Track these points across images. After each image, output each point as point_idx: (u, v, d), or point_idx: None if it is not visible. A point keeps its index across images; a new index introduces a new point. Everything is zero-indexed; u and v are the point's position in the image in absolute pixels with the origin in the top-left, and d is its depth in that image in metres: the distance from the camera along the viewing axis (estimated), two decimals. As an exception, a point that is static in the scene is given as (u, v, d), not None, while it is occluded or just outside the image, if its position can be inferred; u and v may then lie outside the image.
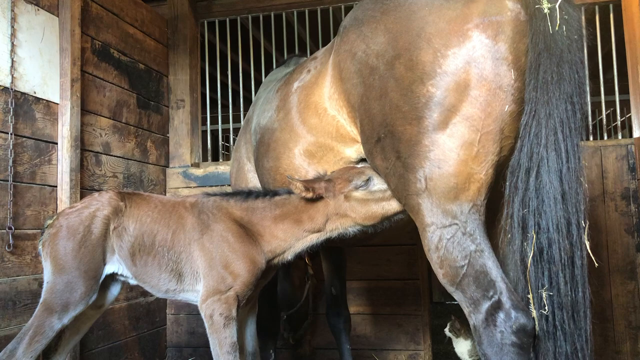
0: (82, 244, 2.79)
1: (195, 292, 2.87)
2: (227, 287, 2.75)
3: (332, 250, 4.00)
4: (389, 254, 4.97)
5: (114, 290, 3.14)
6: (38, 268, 3.77)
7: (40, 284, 3.71)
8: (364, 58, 2.48)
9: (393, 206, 2.63)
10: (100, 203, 2.89)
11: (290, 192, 2.85)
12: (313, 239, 2.84)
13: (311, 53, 5.92)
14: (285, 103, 3.08)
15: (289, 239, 2.83)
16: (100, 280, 2.86)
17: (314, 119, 2.85)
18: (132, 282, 2.98)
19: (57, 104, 4.02)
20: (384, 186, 2.60)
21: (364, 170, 2.68)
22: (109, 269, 2.89)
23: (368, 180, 2.65)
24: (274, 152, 3.10)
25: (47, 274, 2.82)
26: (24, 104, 3.72)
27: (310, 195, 2.71)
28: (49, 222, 2.93)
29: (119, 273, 2.93)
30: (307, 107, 2.90)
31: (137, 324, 4.91)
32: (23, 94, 3.71)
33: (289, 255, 2.90)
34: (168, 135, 5.59)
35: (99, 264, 2.83)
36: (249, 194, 2.94)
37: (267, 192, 2.95)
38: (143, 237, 2.85)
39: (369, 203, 2.66)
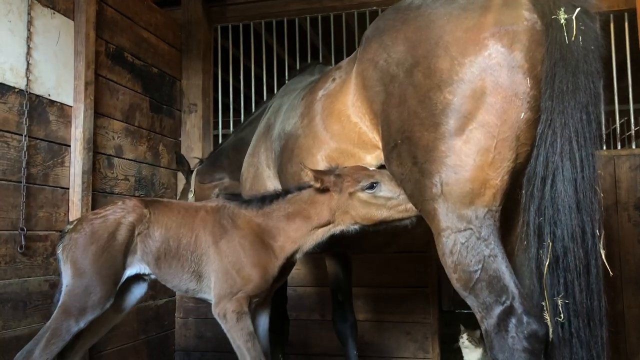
0: (105, 249, 2.84)
1: (211, 294, 2.94)
2: (238, 289, 2.83)
3: (338, 256, 4.01)
4: (398, 262, 4.96)
5: (137, 293, 3.19)
6: (49, 269, 3.79)
7: (51, 285, 3.74)
8: (385, 66, 2.54)
9: (392, 214, 2.73)
10: (125, 211, 2.95)
11: (300, 188, 2.94)
12: (319, 235, 2.91)
13: (324, 59, 5.95)
14: (310, 110, 3.16)
15: (300, 237, 2.91)
16: (119, 285, 2.91)
17: (336, 125, 2.93)
18: (153, 276, 3.04)
19: (71, 106, 4.05)
20: (390, 194, 2.69)
21: (374, 174, 2.75)
22: (129, 272, 2.95)
23: (375, 184, 2.72)
24: (298, 158, 3.18)
25: (67, 278, 2.86)
26: (38, 106, 3.75)
27: (318, 185, 2.80)
28: (69, 227, 2.98)
29: (141, 272, 2.99)
30: (331, 114, 2.97)
31: (145, 327, 4.91)
32: (38, 96, 3.74)
33: (298, 255, 2.98)
34: (180, 139, 5.62)
35: (120, 270, 2.89)
36: (263, 199, 3.01)
37: (279, 193, 3.03)
38: (169, 241, 2.93)
39: (370, 206, 2.75)
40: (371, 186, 2.71)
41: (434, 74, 2.27)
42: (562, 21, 2.12)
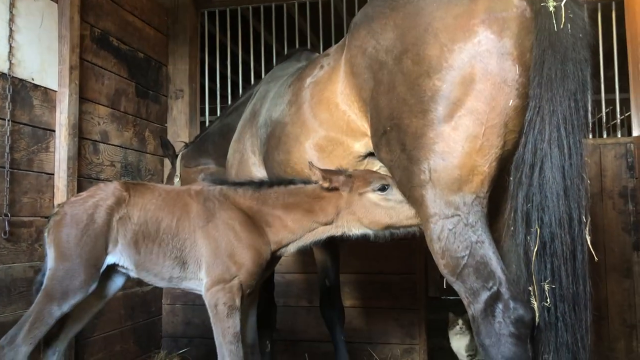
0: (84, 232, 2.79)
1: (197, 280, 2.88)
2: (231, 276, 2.77)
3: (326, 243, 3.99)
4: (386, 248, 4.96)
5: (118, 281, 3.14)
6: (34, 255, 3.75)
7: (36, 271, 3.69)
8: (374, 53, 2.53)
9: (401, 219, 2.69)
10: (104, 193, 2.90)
11: (305, 183, 2.89)
12: (319, 232, 2.87)
13: (312, 45, 5.90)
14: (298, 98, 3.14)
15: (298, 229, 2.86)
16: (101, 270, 2.86)
17: (325, 113, 2.91)
18: (133, 274, 2.97)
19: (56, 91, 3.99)
20: (400, 198, 2.65)
21: (385, 177, 2.72)
22: (110, 259, 2.89)
23: (387, 186, 2.69)
24: (285, 146, 3.16)
25: (50, 261, 2.83)
26: (21, 91, 3.69)
27: (327, 185, 2.75)
28: (55, 210, 2.94)
29: (120, 264, 2.92)
30: (319, 102, 2.96)
31: (132, 313, 4.90)
32: (21, 80, 3.68)
33: (292, 248, 2.94)
34: (166, 125, 5.57)
35: (101, 253, 2.84)
36: (261, 184, 2.96)
37: (282, 181, 2.97)
38: (147, 224, 2.86)
39: (379, 208, 2.71)
40: (383, 188, 2.69)
41: (423, 61, 2.27)
42: (551, 9, 2.13)
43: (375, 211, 2.72)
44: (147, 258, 2.87)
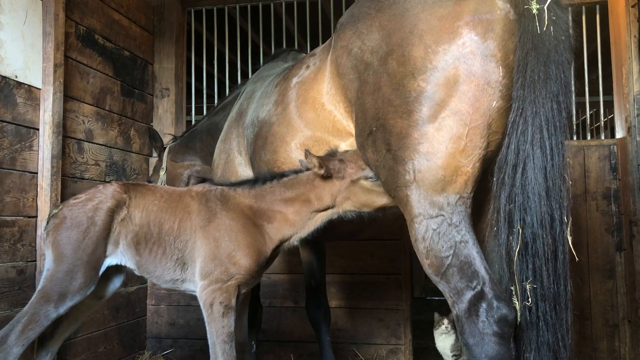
0: (85, 235, 2.79)
1: (195, 282, 2.89)
2: (229, 276, 2.78)
3: (312, 243, 4.01)
4: (372, 249, 4.99)
5: (116, 282, 3.14)
6: (16, 255, 3.71)
7: (19, 272, 3.67)
8: (360, 54, 2.55)
9: (393, 201, 2.68)
10: (104, 195, 2.88)
11: (297, 172, 2.92)
12: (318, 220, 2.91)
13: (299, 46, 5.90)
14: (284, 98, 3.16)
15: (299, 221, 2.90)
16: (100, 272, 2.86)
17: (311, 113, 2.93)
18: (137, 273, 2.97)
19: (39, 89, 3.95)
20: None
21: None
22: (111, 261, 2.89)
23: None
24: (272, 146, 3.17)
25: (48, 262, 2.82)
26: (4, 88, 3.64)
27: (322, 172, 2.77)
28: (55, 211, 2.92)
29: (124, 265, 2.92)
30: (305, 102, 2.97)
31: (117, 314, 4.86)
32: (4, 77, 3.64)
33: (295, 240, 2.97)
34: (152, 124, 5.53)
35: (101, 256, 2.83)
36: (255, 181, 2.99)
37: (274, 175, 2.99)
38: (149, 226, 2.86)
39: (372, 194, 2.76)
40: (375, 175, 2.70)
41: (408, 62, 2.29)
42: (534, 11, 2.16)
43: (367, 196, 2.78)
44: (148, 259, 2.88)
